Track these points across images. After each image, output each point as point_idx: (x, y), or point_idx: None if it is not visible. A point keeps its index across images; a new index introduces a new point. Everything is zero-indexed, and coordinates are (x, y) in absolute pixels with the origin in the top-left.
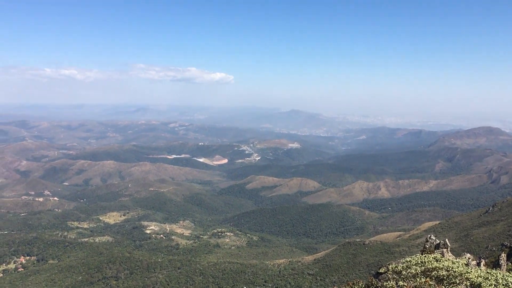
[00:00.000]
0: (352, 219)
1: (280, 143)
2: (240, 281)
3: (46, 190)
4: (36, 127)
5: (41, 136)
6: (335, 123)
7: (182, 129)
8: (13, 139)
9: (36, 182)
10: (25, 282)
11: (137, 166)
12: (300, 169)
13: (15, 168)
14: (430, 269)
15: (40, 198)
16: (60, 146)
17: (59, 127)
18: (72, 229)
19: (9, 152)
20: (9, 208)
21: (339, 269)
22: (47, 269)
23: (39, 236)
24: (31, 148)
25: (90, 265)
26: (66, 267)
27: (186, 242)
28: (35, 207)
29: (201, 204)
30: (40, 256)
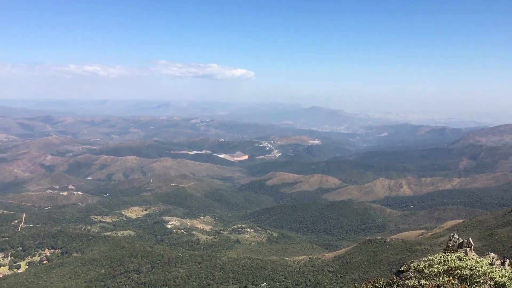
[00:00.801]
0: (373, 216)
1: (300, 139)
2: (260, 277)
3: (70, 185)
4: (60, 122)
5: (65, 132)
6: (357, 119)
7: (203, 125)
8: (38, 134)
9: (61, 176)
10: (50, 274)
11: (159, 162)
12: (321, 166)
13: (41, 162)
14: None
15: (64, 192)
16: (83, 141)
17: (83, 122)
18: (95, 223)
19: (35, 147)
20: (34, 202)
21: (359, 267)
22: (70, 262)
23: (63, 229)
24: (55, 143)
25: (112, 258)
26: (89, 260)
27: (206, 237)
28: (60, 201)
29: (222, 199)
30: (64, 249)
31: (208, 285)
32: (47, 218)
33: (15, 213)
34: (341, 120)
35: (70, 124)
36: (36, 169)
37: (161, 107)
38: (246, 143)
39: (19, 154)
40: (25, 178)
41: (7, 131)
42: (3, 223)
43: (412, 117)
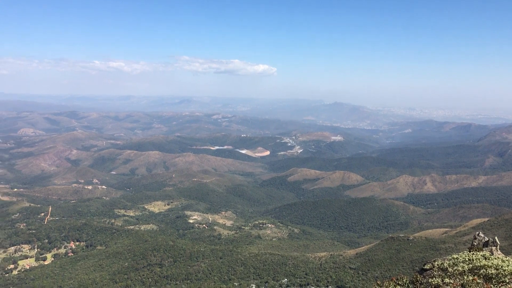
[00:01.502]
0: (396, 214)
1: (322, 135)
2: (281, 273)
3: (94, 179)
4: (85, 117)
5: (90, 126)
6: (380, 115)
7: (225, 121)
8: (64, 129)
9: (86, 170)
10: (75, 266)
11: (181, 157)
12: (343, 162)
13: (66, 157)
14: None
15: (89, 186)
16: (108, 136)
17: (107, 117)
18: (119, 216)
19: (61, 141)
20: (60, 195)
21: (381, 264)
22: (95, 254)
23: (88, 222)
24: (81, 138)
25: (135, 252)
26: (113, 253)
27: (228, 233)
28: (84, 194)
29: (243, 195)
30: (88, 242)
31: (229, 280)
32: (73, 211)
33: (41, 206)
34: (364, 116)
35: (95, 119)
36: (62, 163)
37: (183, 102)
38: (268, 139)
39: (46, 148)
40: (51, 172)
41: (34, 126)
42: (30, 216)
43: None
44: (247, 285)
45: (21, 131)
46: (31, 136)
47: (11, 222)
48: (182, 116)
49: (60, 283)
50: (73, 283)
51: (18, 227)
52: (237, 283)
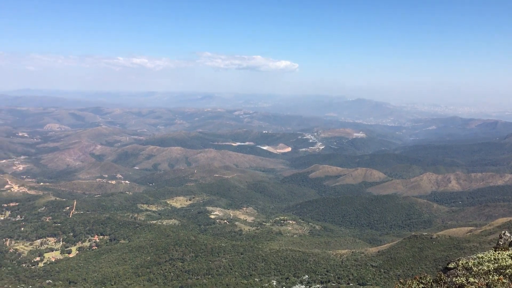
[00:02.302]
0: (419, 212)
1: (344, 132)
2: (302, 269)
3: (118, 174)
4: (109, 113)
5: (114, 122)
6: (403, 112)
7: (247, 117)
8: (88, 124)
9: (109, 165)
10: (99, 259)
11: (203, 153)
12: (365, 159)
13: (91, 152)
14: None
15: (113, 181)
16: (131, 132)
17: (130, 113)
18: (142, 211)
19: (85, 136)
20: (84, 190)
21: (404, 263)
22: (118, 248)
23: (111, 217)
24: (105, 133)
25: (158, 246)
26: (136, 247)
27: (249, 228)
28: (108, 189)
29: (264, 191)
30: (112, 235)
31: (250, 276)
32: (97, 205)
33: (67, 200)
34: (387, 112)
35: (119, 115)
36: (86, 158)
37: (205, 98)
38: (289, 135)
39: (71, 143)
40: (76, 167)
41: (60, 121)
42: (55, 210)
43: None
44: (268, 281)
45: (47, 127)
46: (57, 131)
47: (38, 216)
48: (204, 112)
49: (85, 275)
50: (97, 276)
51: (44, 220)
52: (257, 278)
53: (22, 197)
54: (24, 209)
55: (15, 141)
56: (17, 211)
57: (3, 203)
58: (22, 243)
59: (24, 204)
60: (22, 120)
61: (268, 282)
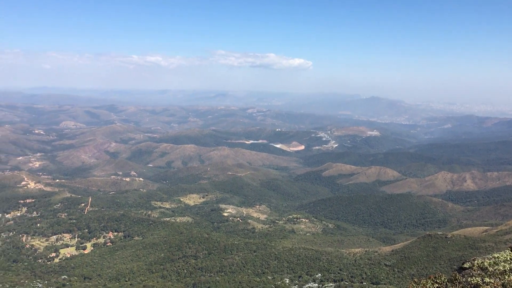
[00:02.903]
0: (433, 211)
1: (358, 130)
2: (315, 268)
3: (132, 171)
4: (124, 111)
5: (128, 120)
6: (418, 110)
7: (260, 115)
8: (103, 122)
9: (124, 163)
10: (113, 256)
11: (216, 151)
12: (379, 158)
13: (105, 149)
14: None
15: (127, 178)
16: (145, 130)
17: (144, 111)
18: (155, 208)
19: (100, 134)
20: (99, 187)
21: (418, 262)
22: (132, 245)
23: (126, 213)
24: (119, 131)
25: (171, 243)
26: (149, 244)
27: (262, 226)
28: (123, 186)
29: (277, 189)
30: (126, 232)
31: (263, 273)
32: (111, 202)
33: (82, 196)
34: (402, 111)
35: (133, 112)
36: (101, 155)
37: (219, 96)
38: (303, 133)
39: (86, 141)
40: (91, 164)
41: (75, 119)
42: (71, 206)
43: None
44: (280, 279)
45: (62, 124)
46: (72, 129)
47: (53, 212)
48: (217, 110)
49: (99, 271)
50: (111, 272)
51: (59, 217)
52: (270, 276)
53: (38, 193)
54: (40, 205)
55: (31, 138)
56: (33, 208)
57: (19, 200)
58: (38, 239)
59: (40, 201)
60: (38, 117)
61: (281, 280)
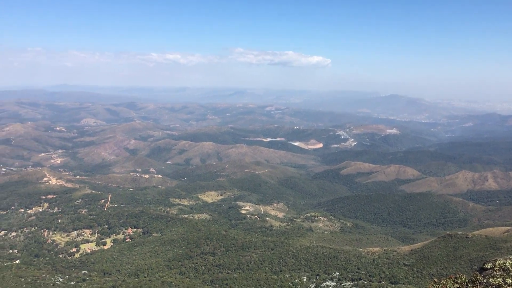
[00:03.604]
0: (454, 210)
1: (377, 128)
2: (333, 266)
3: (151, 168)
4: (143, 108)
5: (147, 117)
6: (438, 108)
7: (278, 113)
8: (123, 119)
9: (143, 160)
10: (132, 252)
11: (234, 148)
12: (398, 156)
13: (125, 146)
14: None
15: (146, 175)
16: (164, 127)
17: (163, 109)
18: (174, 205)
19: (120, 131)
20: (119, 183)
21: (437, 262)
22: (151, 241)
23: (144, 210)
24: (139, 128)
25: (189, 240)
26: (168, 240)
27: (279, 224)
28: (142, 183)
29: (295, 187)
30: (145, 229)
31: (280, 271)
32: (130, 199)
33: (102, 193)
34: (422, 109)
35: (152, 110)
36: (121, 152)
37: (237, 94)
38: (321, 131)
39: (106, 138)
40: (111, 161)
41: (95, 116)
42: (91, 202)
43: (500, 106)
44: (298, 277)
45: (83, 121)
46: (93, 126)
47: (74, 208)
48: (235, 107)
49: (119, 267)
50: (130, 267)
51: (80, 213)
52: (288, 274)
53: (60, 189)
54: (61, 201)
55: (53, 135)
56: (54, 203)
57: (41, 195)
58: (59, 234)
59: (61, 197)
60: (59, 115)
61: (298, 278)
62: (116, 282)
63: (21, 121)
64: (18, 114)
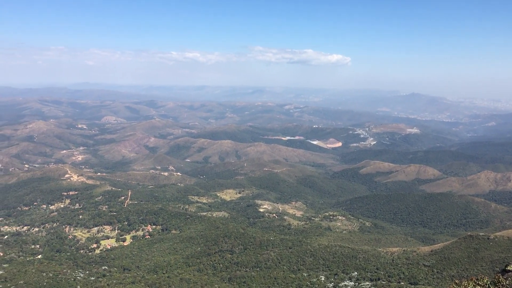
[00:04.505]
0: (475, 211)
1: (397, 127)
2: (351, 266)
3: (170, 165)
4: (163, 106)
5: (167, 115)
6: (460, 107)
7: (297, 111)
8: (143, 117)
9: (162, 157)
10: (151, 248)
11: (253, 146)
12: (419, 156)
13: (145, 144)
14: None
15: (165, 172)
16: (183, 125)
17: (183, 107)
18: (193, 203)
19: (140, 129)
20: (139, 180)
21: (458, 263)
22: (170, 238)
23: (164, 207)
24: (158, 126)
25: (208, 237)
26: (186, 237)
27: (297, 223)
28: (161, 180)
29: (313, 186)
30: (164, 226)
31: (298, 270)
32: (150, 196)
33: (122, 190)
34: (443, 107)
35: (171, 108)
36: (140, 150)
37: (256, 92)
38: (340, 130)
39: (126, 135)
40: (131, 158)
41: (116, 114)
42: (111, 199)
43: None
44: (316, 276)
45: (104, 119)
46: (113, 124)
47: (95, 204)
48: (254, 106)
49: (138, 263)
50: (149, 264)
51: (100, 209)
52: (306, 273)
53: (81, 186)
54: (82, 197)
55: (74, 132)
56: (76, 200)
57: (63, 192)
58: (80, 230)
59: (83, 193)
60: (81, 112)
61: (316, 278)
62: (136, 278)
63: (44, 119)
64: (41, 111)
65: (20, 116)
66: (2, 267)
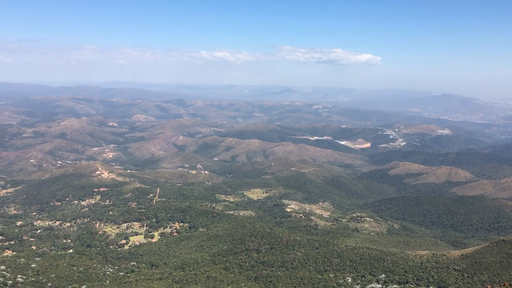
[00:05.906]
0: (509, 215)
1: (428, 128)
2: (379, 268)
3: (198, 164)
4: (191, 105)
5: (195, 114)
6: (494, 108)
7: (325, 111)
8: (172, 116)
9: (190, 156)
10: (179, 245)
11: (280, 146)
12: (450, 158)
13: (173, 142)
14: None
15: (193, 171)
16: (211, 124)
17: (211, 106)
18: (220, 201)
19: (169, 127)
20: (167, 178)
21: (490, 268)
22: (197, 236)
23: (191, 205)
24: (187, 125)
25: (234, 236)
26: (213, 236)
27: (324, 223)
28: (189, 178)
29: (341, 187)
30: (191, 223)
31: (324, 271)
32: (178, 194)
33: (150, 187)
34: (476, 108)
35: (200, 107)
36: (169, 148)
37: (284, 92)
38: (369, 131)
39: (156, 134)
40: (160, 156)
41: (146, 112)
42: (140, 196)
43: None
44: (342, 278)
45: (134, 117)
46: (143, 122)
47: (124, 201)
48: (282, 105)
49: (165, 260)
50: (176, 261)
51: (130, 206)
52: (332, 274)
53: (111, 183)
54: (112, 194)
55: (106, 130)
56: (106, 196)
57: (94, 188)
58: (110, 226)
59: (113, 190)
60: (112, 110)
61: (343, 279)
62: (163, 275)
63: (77, 116)
64: (73, 109)
65: (54, 114)
66: (35, 260)
